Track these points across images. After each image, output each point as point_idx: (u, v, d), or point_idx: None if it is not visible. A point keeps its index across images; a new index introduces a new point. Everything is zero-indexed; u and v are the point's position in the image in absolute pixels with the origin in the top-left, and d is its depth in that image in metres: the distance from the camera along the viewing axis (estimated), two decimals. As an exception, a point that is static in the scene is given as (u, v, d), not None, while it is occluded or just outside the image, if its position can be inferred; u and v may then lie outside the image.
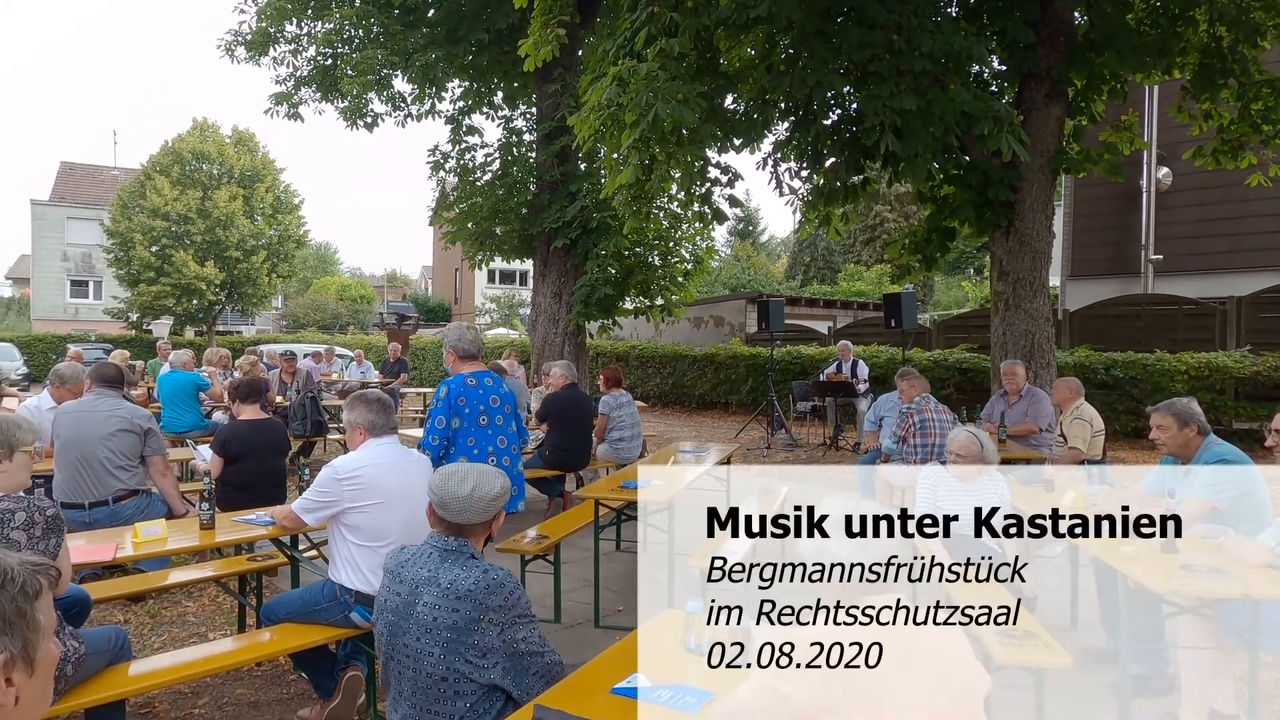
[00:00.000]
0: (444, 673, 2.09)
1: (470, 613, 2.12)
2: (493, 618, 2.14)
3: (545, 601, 4.97)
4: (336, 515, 3.25)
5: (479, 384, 4.29)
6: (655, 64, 6.23)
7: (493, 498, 2.26)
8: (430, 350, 23.77)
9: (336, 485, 3.22)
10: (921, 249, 9.18)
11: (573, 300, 12.38)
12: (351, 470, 3.26)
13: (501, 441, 4.32)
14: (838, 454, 11.16)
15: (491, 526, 2.32)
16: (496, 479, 2.30)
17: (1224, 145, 8.49)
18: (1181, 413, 3.96)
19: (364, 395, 3.53)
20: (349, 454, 3.42)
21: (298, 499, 3.39)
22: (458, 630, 2.11)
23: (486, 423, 4.26)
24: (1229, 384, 10.56)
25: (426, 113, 14.11)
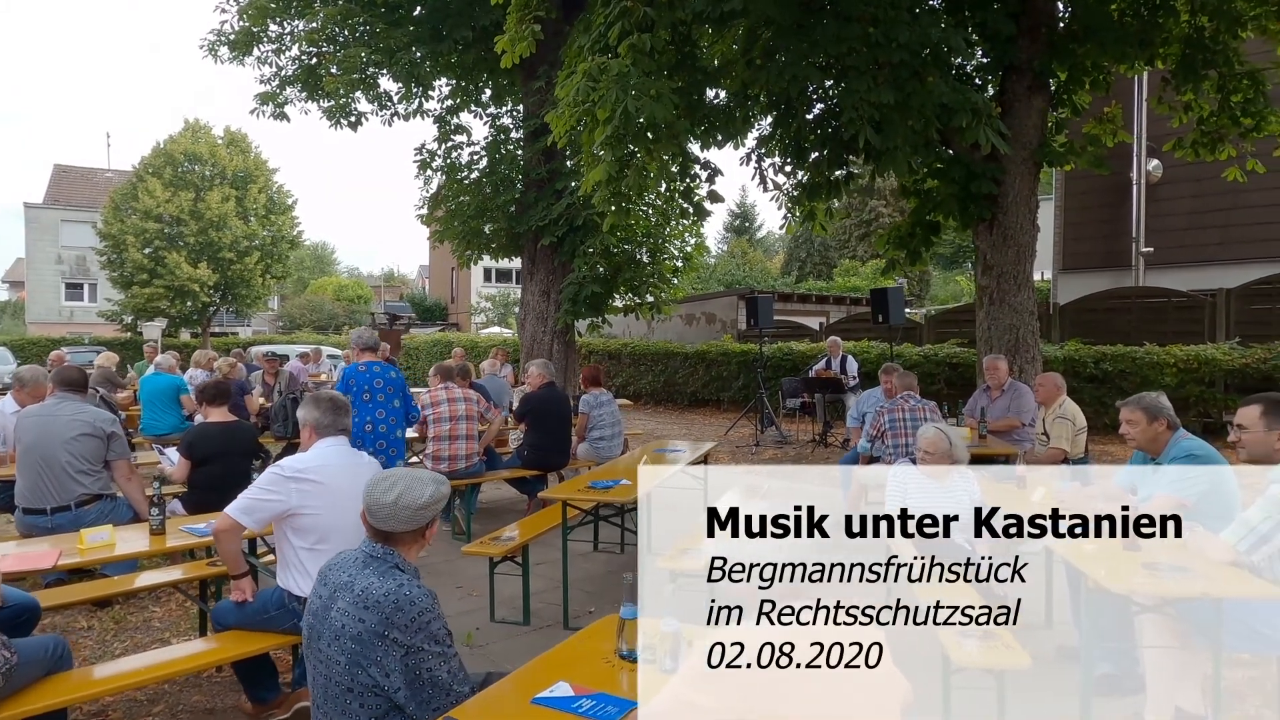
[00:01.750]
0: (349, 683, 2.01)
1: (374, 625, 2.03)
2: (397, 637, 2.03)
3: (515, 604, 4.93)
4: (284, 517, 3.18)
5: (368, 370, 5.86)
6: (627, 60, 6.17)
7: (419, 506, 2.16)
8: (424, 350, 23.72)
9: (283, 484, 3.15)
10: (906, 243, 9.13)
11: (561, 298, 12.34)
12: (299, 469, 3.19)
13: (380, 414, 5.83)
14: (826, 451, 11.11)
15: (425, 535, 2.22)
16: (426, 487, 2.21)
17: (1203, 137, 8.43)
18: (1150, 407, 3.90)
19: (317, 395, 3.47)
20: (298, 453, 3.36)
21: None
22: (361, 642, 2.03)
23: (369, 399, 5.74)
24: (1218, 376, 10.50)
25: (414, 112, 14.05)
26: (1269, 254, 12.96)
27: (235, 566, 3.28)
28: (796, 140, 8.56)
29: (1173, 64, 8.18)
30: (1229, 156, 8.70)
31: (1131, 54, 7.82)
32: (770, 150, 9.01)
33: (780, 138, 8.75)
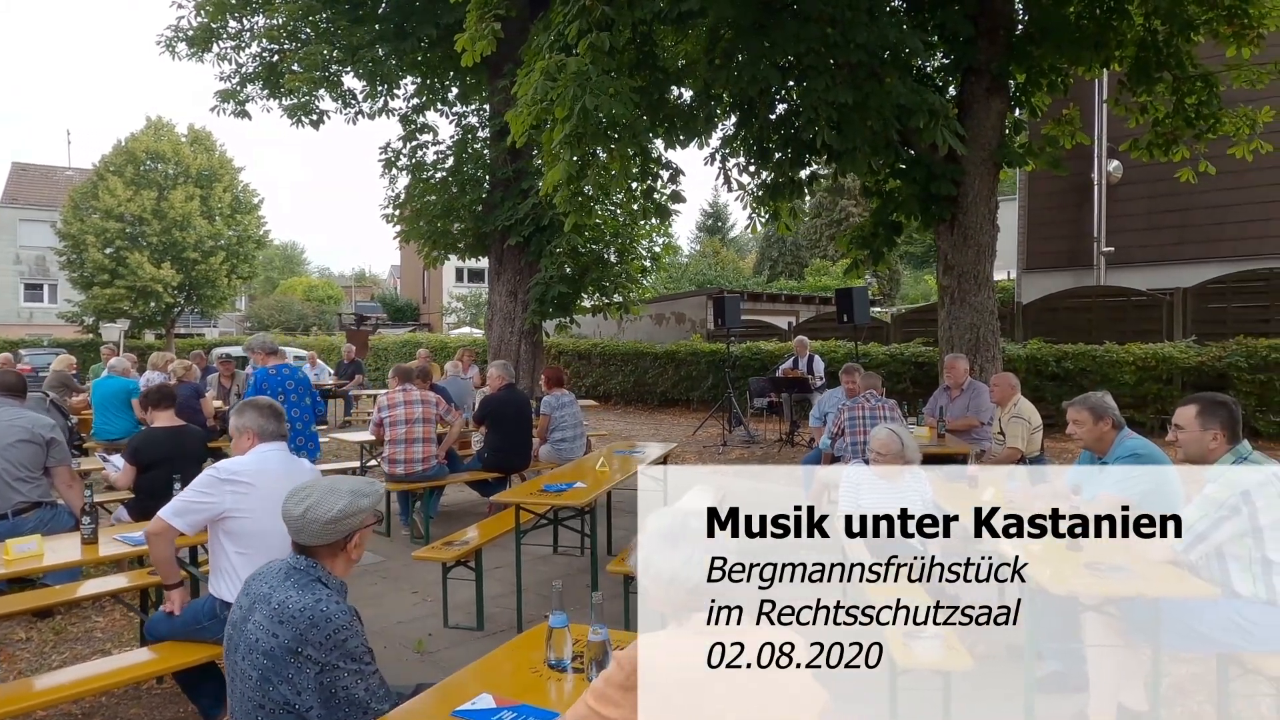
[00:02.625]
0: (261, 699, 1.94)
1: (288, 641, 1.97)
2: (311, 654, 1.97)
3: (469, 609, 4.88)
4: (217, 521, 3.11)
5: (278, 372, 6.43)
6: (586, 58, 6.13)
7: (328, 520, 2.08)
8: (393, 351, 23.48)
9: (218, 486, 3.09)
10: (869, 243, 9.17)
11: (528, 299, 12.26)
12: (234, 472, 3.13)
13: (295, 412, 6.31)
14: (793, 450, 11.13)
15: (345, 549, 2.14)
16: (339, 500, 2.12)
17: (1158, 139, 8.56)
18: (1096, 407, 3.94)
19: (254, 400, 3.41)
20: (234, 456, 3.29)
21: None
22: (273, 657, 1.96)
23: (283, 398, 6.12)
24: (1175, 374, 10.67)
25: (379, 110, 13.89)
26: (1223, 254, 13.21)
27: (167, 574, 3.19)
28: (759, 140, 8.57)
29: (1128, 66, 8.29)
30: (1183, 158, 8.84)
31: (1087, 56, 7.92)
32: (734, 150, 9.01)
33: (743, 138, 8.75)
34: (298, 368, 6.70)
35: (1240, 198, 13.06)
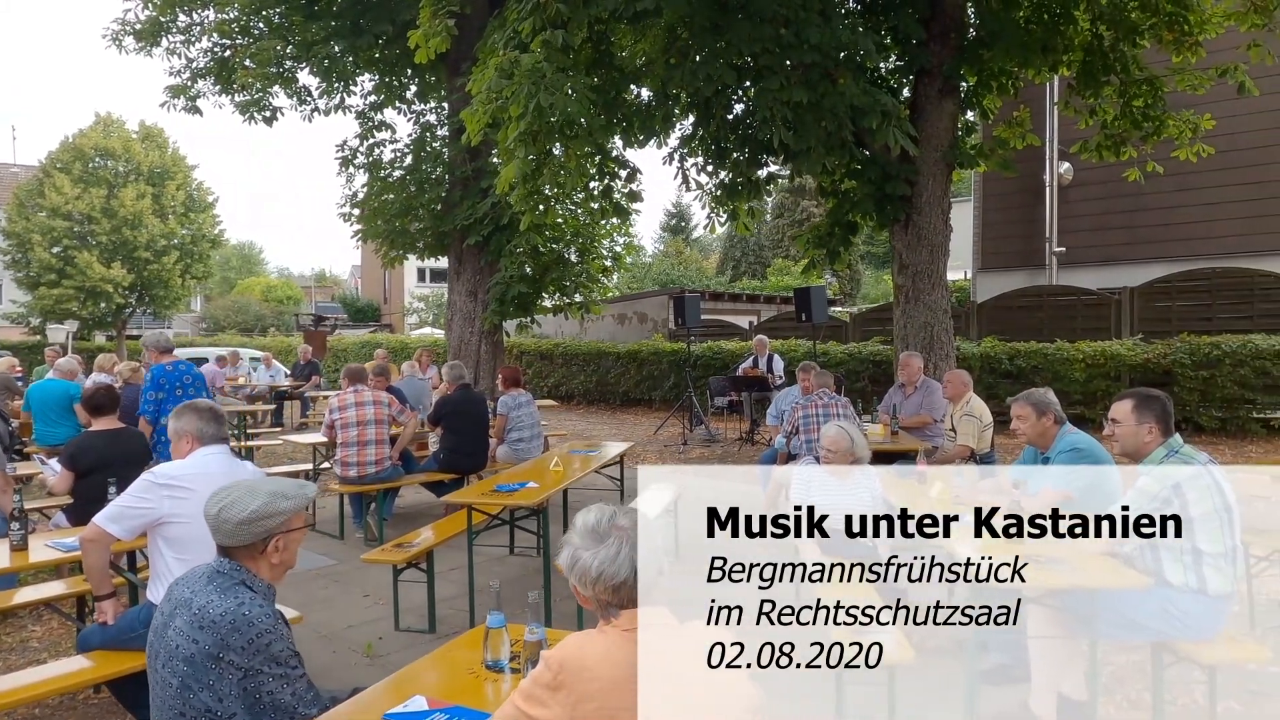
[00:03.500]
0: (181, 707, 1.89)
1: (209, 647, 1.92)
2: (233, 659, 1.92)
3: (421, 612, 4.82)
4: (155, 527, 3.03)
5: (174, 369, 6.47)
6: (540, 55, 6.09)
7: (240, 521, 2.03)
8: (352, 352, 23.15)
9: (155, 491, 3.01)
10: (825, 243, 9.26)
11: (488, 298, 12.18)
12: (173, 476, 3.05)
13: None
14: (753, 448, 11.19)
15: (265, 552, 2.08)
16: (254, 500, 2.06)
17: (1106, 140, 8.76)
18: (1039, 403, 4.02)
19: (194, 403, 3.33)
20: (173, 460, 3.22)
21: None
22: (194, 664, 1.91)
23: (182, 394, 6.23)
24: (1123, 371, 10.93)
25: (335, 107, 13.67)
26: (1168, 254, 13.58)
27: (99, 585, 3.10)
28: (716, 140, 8.62)
29: (1076, 70, 8.48)
30: (1131, 159, 9.06)
31: (1036, 60, 8.08)
32: (693, 150, 9.05)
33: (701, 138, 8.79)
34: (193, 365, 6.78)
35: (1185, 199, 13.43)
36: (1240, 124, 12.09)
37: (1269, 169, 12.97)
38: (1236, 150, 12.41)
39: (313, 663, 4.25)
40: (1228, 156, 11.87)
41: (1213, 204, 13.37)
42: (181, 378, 6.47)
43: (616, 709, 1.52)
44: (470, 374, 12.02)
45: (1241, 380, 10.11)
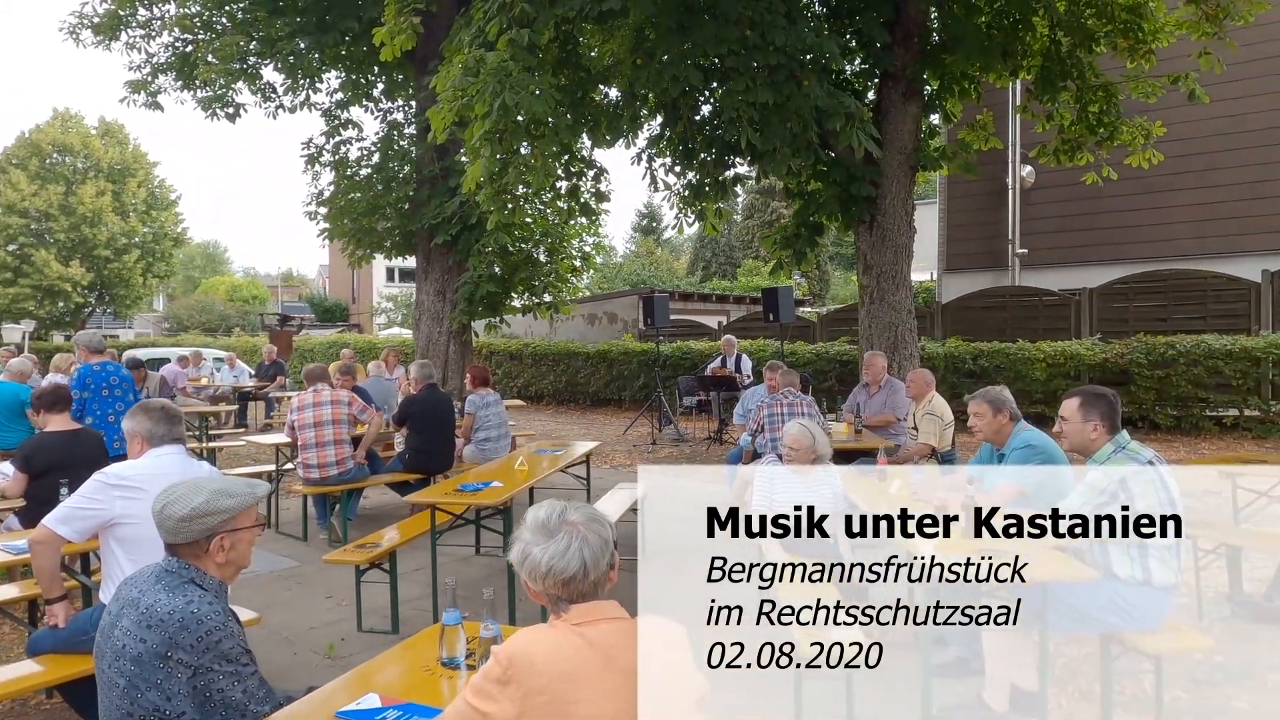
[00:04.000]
0: (129, 708, 1.87)
1: (157, 646, 1.90)
2: (182, 658, 1.90)
3: (385, 613, 4.79)
4: (107, 528, 2.99)
5: (102, 369, 6.46)
6: (505, 54, 6.08)
7: (182, 517, 2.02)
8: (319, 352, 22.89)
9: (106, 492, 2.97)
10: (792, 243, 9.34)
11: (456, 298, 12.13)
12: (124, 477, 3.01)
13: (120, 406, 6.37)
14: (721, 448, 11.25)
15: (209, 550, 2.05)
16: (197, 498, 2.05)
17: (1064, 145, 8.95)
18: (995, 400, 4.10)
19: (147, 404, 3.29)
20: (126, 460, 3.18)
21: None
22: (141, 664, 1.89)
23: (108, 394, 6.38)
24: (1082, 370, 11.15)
25: (301, 104, 13.51)
26: (1126, 256, 13.89)
27: (49, 587, 3.05)
28: (684, 141, 8.66)
29: (1035, 75, 8.65)
30: (1087, 162, 9.25)
31: (997, 65, 8.22)
32: (661, 151, 9.09)
33: (669, 138, 8.83)
34: (120, 365, 6.92)
35: (1142, 203, 13.75)
36: (1192, 130, 12.41)
37: (1219, 174, 13.32)
38: (1189, 156, 12.73)
39: (273, 664, 4.23)
40: (1181, 161, 12.19)
41: (1168, 208, 13.70)
42: (109, 378, 6.51)
43: (566, 702, 1.53)
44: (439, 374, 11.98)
45: (1195, 379, 10.36)
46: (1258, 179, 13.14)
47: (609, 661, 1.58)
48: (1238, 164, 13.23)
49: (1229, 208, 13.35)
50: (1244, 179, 13.22)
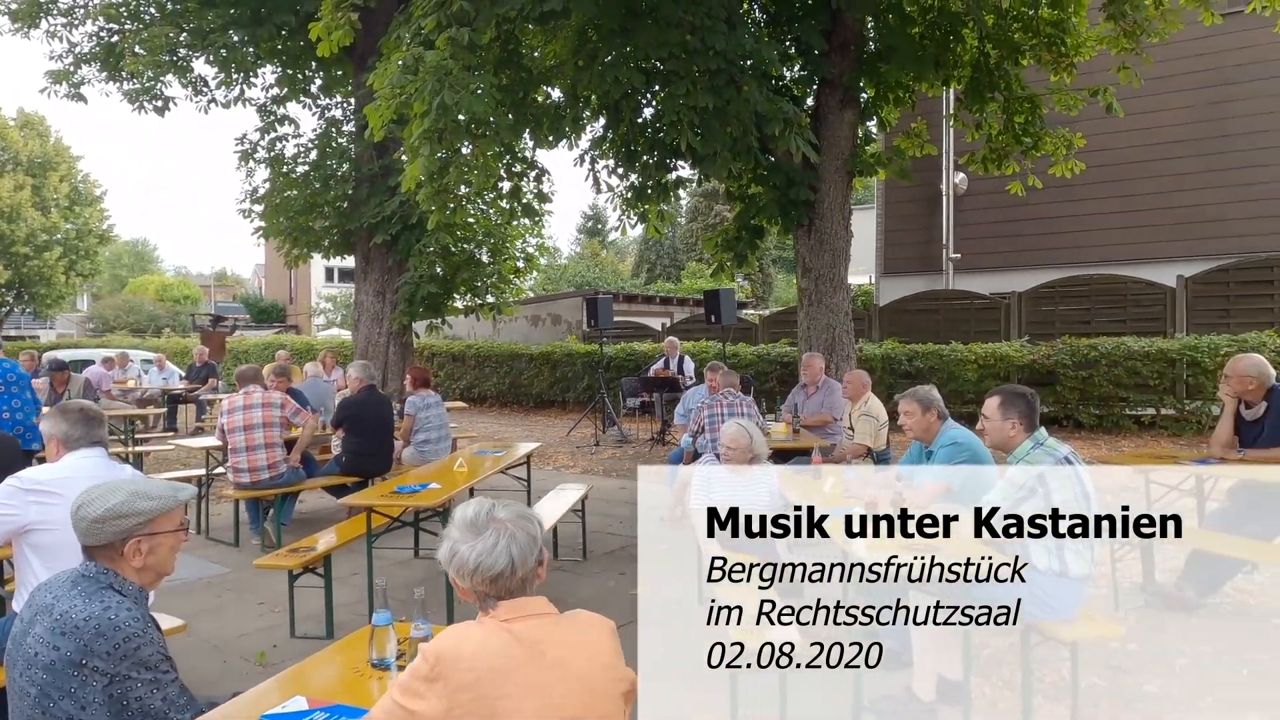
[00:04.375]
0: (41, 717, 1.81)
1: (71, 654, 1.84)
2: (98, 666, 1.84)
3: (319, 618, 4.71)
4: (21, 534, 2.87)
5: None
6: (445, 52, 6.03)
7: (95, 519, 1.97)
8: (254, 353, 22.30)
9: (20, 497, 2.85)
10: (732, 246, 9.46)
11: (397, 299, 11.96)
12: (39, 481, 2.90)
13: (16, 403, 6.49)
14: (664, 448, 11.33)
15: (123, 553, 1.99)
16: (111, 499, 1.99)
17: (992, 153, 9.26)
18: (924, 399, 4.24)
19: (64, 406, 3.18)
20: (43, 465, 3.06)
21: None
22: (54, 672, 1.83)
23: (4, 390, 6.39)
24: (1012, 371, 11.54)
25: (235, 99, 13.15)
26: (1053, 261, 14.43)
27: None
28: (626, 143, 8.69)
29: (965, 85, 8.92)
30: (1014, 171, 9.59)
31: (929, 74, 8.46)
32: (604, 153, 9.11)
33: (611, 140, 8.86)
34: (16, 363, 6.98)
35: (1067, 210, 14.30)
36: (1111, 141, 12.96)
37: (1138, 184, 13.95)
38: (1108, 166, 13.29)
39: (201, 673, 4.12)
40: (1101, 171, 12.71)
41: (1091, 215, 14.28)
42: (4, 375, 6.51)
43: (494, 698, 1.54)
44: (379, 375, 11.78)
45: (1116, 380, 10.82)
46: (1171, 189, 13.80)
47: (537, 656, 1.59)
48: (1153, 175, 13.88)
49: (1146, 216, 13.98)
50: (1159, 189, 13.87)
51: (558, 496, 5.97)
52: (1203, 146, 13.60)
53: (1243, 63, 13.11)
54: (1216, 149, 13.50)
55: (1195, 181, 13.63)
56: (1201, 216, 13.59)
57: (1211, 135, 13.55)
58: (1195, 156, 13.65)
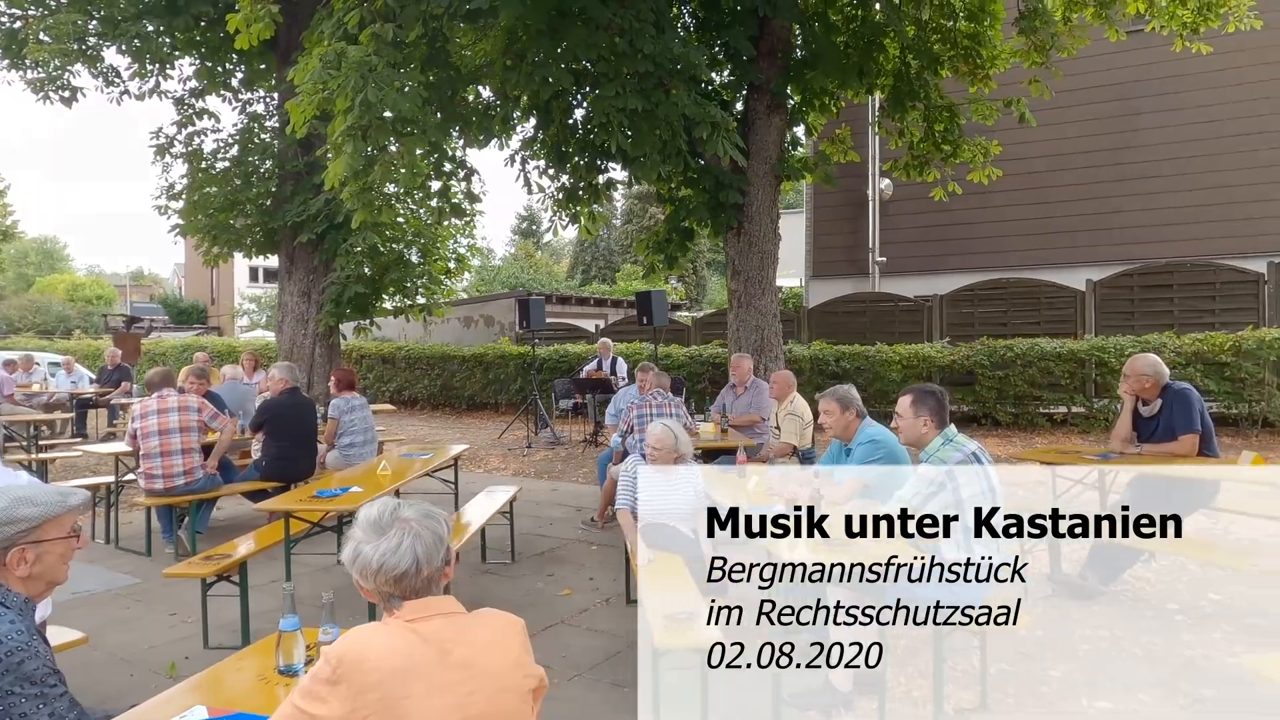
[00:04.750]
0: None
1: None
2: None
3: (234, 628, 4.56)
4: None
5: None
6: (369, 49, 5.93)
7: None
8: (173, 356, 21.44)
9: None
10: (663, 248, 9.53)
11: (323, 299, 11.67)
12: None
13: None
14: (597, 449, 11.32)
15: (8, 563, 1.89)
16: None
17: (913, 160, 9.57)
18: (843, 398, 4.35)
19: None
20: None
21: None
22: None
23: None
24: (934, 371, 11.92)
25: (150, 91, 12.63)
26: (973, 265, 14.96)
27: None
28: (557, 144, 8.68)
29: (887, 94, 9.20)
30: (935, 178, 9.92)
31: (853, 82, 8.69)
32: (535, 153, 9.08)
33: (542, 141, 8.83)
34: None
35: (986, 216, 14.85)
36: (1026, 150, 13.51)
37: (1050, 191, 14.59)
38: (1023, 174, 13.85)
39: (107, 688, 3.96)
40: (1017, 179, 13.24)
41: (1008, 221, 14.86)
42: None
43: (398, 699, 1.53)
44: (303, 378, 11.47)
45: (1030, 379, 11.27)
46: (1081, 197, 14.48)
47: (442, 655, 1.58)
48: (1064, 183, 14.54)
49: (1059, 222, 14.63)
50: (1070, 197, 14.54)
51: (485, 499, 5.91)
52: (1110, 157, 14.31)
53: (1145, 79, 13.83)
54: (1122, 160, 14.21)
55: (1103, 190, 14.33)
56: (1108, 224, 14.29)
57: (1118, 147, 14.26)
58: (1103, 167, 14.35)
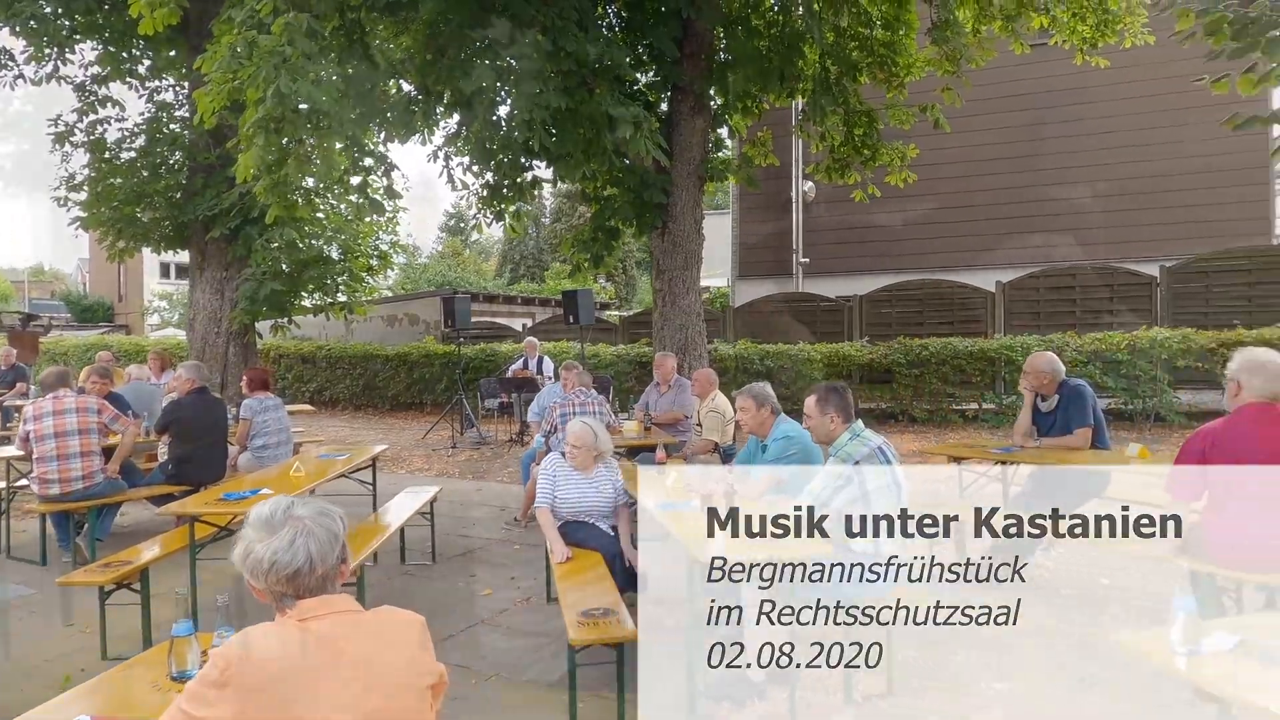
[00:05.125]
0: None
1: None
2: None
3: (135, 637, 4.38)
4: None
5: None
6: (282, 38, 5.76)
7: None
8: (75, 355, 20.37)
9: None
10: (589, 247, 9.54)
11: (237, 296, 11.28)
12: None
13: None
14: (523, 449, 11.24)
15: None
16: None
17: (834, 164, 9.83)
18: (758, 395, 4.45)
19: None
20: None
21: None
22: None
23: None
24: (854, 369, 12.25)
25: (48, 76, 11.98)
26: (891, 266, 15.45)
27: None
28: (481, 141, 8.58)
29: (808, 98, 9.40)
30: (855, 181, 10.20)
31: (774, 86, 8.86)
32: (459, 150, 8.96)
33: (466, 137, 8.72)
34: None
35: (903, 219, 15.33)
36: (940, 156, 14.00)
37: (965, 196, 15.18)
38: (938, 179, 14.36)
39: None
40: (934, 184, 13.73)
41: (924, 224, 15.39)
42: None
43: (289, 700, 1.50)
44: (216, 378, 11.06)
45: (944, 377, 11.69)
46: (992, 202, 15.10)
47: (335, 654, 1.56)
48: (977, 189, 15.14)
49: (971, 226, 15.23)
50: (981, 201, 15.15)
51: (406, 499, 5.82)
52: (1019, 164, 14.96)
53: (1050, 90, 14.50)
54: (1030, 166, 14.88)
55: (1012, 195, 14.97)
56: (1018, 228, 14.93)
57: (1026, 154, 14.91)
58: (1013, 173, 14.99)
